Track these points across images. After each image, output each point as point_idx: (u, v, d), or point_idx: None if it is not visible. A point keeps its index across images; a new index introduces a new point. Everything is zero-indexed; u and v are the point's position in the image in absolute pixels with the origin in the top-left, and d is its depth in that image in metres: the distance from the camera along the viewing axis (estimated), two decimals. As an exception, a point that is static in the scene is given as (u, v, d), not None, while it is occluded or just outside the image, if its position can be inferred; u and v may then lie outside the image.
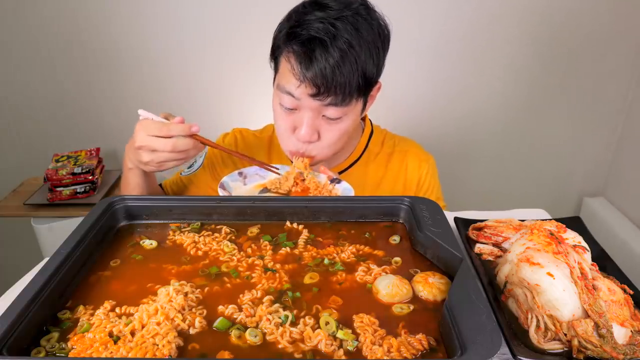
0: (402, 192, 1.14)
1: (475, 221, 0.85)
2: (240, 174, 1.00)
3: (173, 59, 2.04)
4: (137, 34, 2.00)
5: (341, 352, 0.55)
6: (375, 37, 0.91)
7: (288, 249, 0.75)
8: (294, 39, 0.90)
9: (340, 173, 1.13)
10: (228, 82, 2.09)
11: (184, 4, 1.95)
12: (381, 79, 1.02)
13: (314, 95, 0.90)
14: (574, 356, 0.56)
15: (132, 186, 1.00)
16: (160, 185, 1.16)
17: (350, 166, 1.14)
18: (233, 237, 0.78)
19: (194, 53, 2.04)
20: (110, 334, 0.56)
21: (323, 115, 0.95)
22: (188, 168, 1.18)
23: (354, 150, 1.15)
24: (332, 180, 0.97)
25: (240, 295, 0.64)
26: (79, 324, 0.59)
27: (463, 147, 2.25)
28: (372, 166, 1.15)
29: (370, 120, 1.20)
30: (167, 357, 0.53)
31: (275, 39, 0.97)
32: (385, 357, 0.54)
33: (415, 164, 1.16)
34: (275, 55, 0.98)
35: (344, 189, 0.94)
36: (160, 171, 0.95)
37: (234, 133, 1.20)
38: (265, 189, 0.98)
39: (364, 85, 0.93)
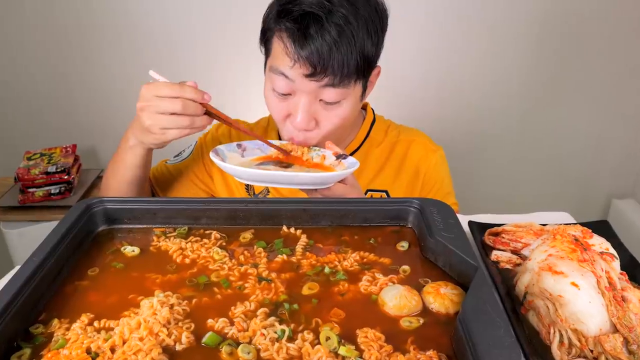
0: (406, 185, 1.15)
1: (492, 225, 0.85)
2: (239, 145, 1.02)
3: (158, 47, 2.04)
4: (119, 20, 2.00)
5: (343, 370, 0.55)
6: (373, 14, 0.93)
7: (285, 257, 0.75)
8: (285, 16, 0.91)
9: None
10: (219, 74, 2.10)
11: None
12: (382, 63, 1.03)
13: (309, 76, 0.91)
14: (601, 375, 0.57)
15: (126, 166, 0.99)
16: None
17: (350, 155, 1.15)
18: (224, 243, 0.78)
19: (181, 40, 2.04)
20: (88, 351, 0.56)
21: (320, 100, 0.96)
22: (175, 157, 1.20)
23: (354, 139, 1.16)
24: (339, 156, 0.99)
25: (232, 308, 0.64)
26: (53, 339, 0.59)
27: (477, 143, 2.25)
28: (373, 156, 1.16)
29: (373, 109, 1.22)
30: (150, 376, 0.53)
31: (265, 20, 0.98)
32: (392, 376, 0.54)
33: (421, 154, 1.16)
34: (265, 38, 0.99)
35: (349, 163, 0.96)
36: (159, 145, 0.94)
37: None
38: (265, 162, 0.99)
39: (363, 65, 0.94)
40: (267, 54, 1.00)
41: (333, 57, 0.89)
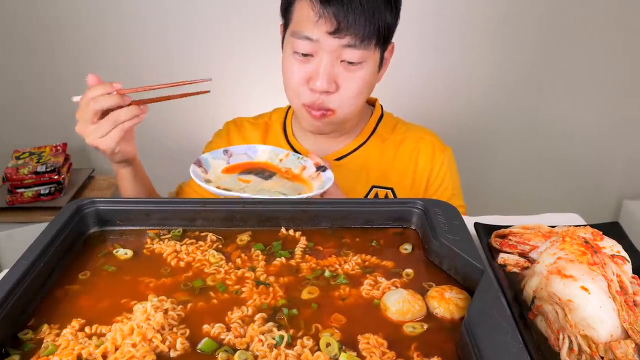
0: (411, 184, 1.17)
1: (499, 227, 0.85)
2: (225, 151, 1.02)
3: (153, 45, 2.04)
4: (111, 18, 2.00)
5: (344, 377, 0.55)
6: None
7: (283, 260, 0.75)
8: None
9: (344, 157, 1.18)
10: (216, 73, 2.08)
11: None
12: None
13: (333, 33, 0.96)
14: (612, 382, 0.57)
15: (122, 185, 1.08)
16: None
17: (356, 150, 1.18)
18: (220, 246, 0.78)
19: (176, 39, 2.03)
20: (79, 357, 0.56)
21: (342, 61, 1.00)
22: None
23: (360, 133, 1.19)
24: (319, 168, 1.00)
25: (229, 313, 0.64)
26: (42, 346, 0.59)
27: (483, 141, 2.25)
28: (378, 152, 1.18)
29: (381, 106, 1.24)
30: (144, 384, 0.53)
31: None
32: (395, 384, 0.54)
33: (429, 152, 1.18)
34: (287, 4, 1.04)
35: (326, 178, 0.97)
36: (119, 159, 1.00)
37: (227, 124, 1.26)
38: (246, 172, 0.99)
39: (383, 31, 1.00)
40: (288, 23, 1.04)
41: (357, 14, 0.95)
